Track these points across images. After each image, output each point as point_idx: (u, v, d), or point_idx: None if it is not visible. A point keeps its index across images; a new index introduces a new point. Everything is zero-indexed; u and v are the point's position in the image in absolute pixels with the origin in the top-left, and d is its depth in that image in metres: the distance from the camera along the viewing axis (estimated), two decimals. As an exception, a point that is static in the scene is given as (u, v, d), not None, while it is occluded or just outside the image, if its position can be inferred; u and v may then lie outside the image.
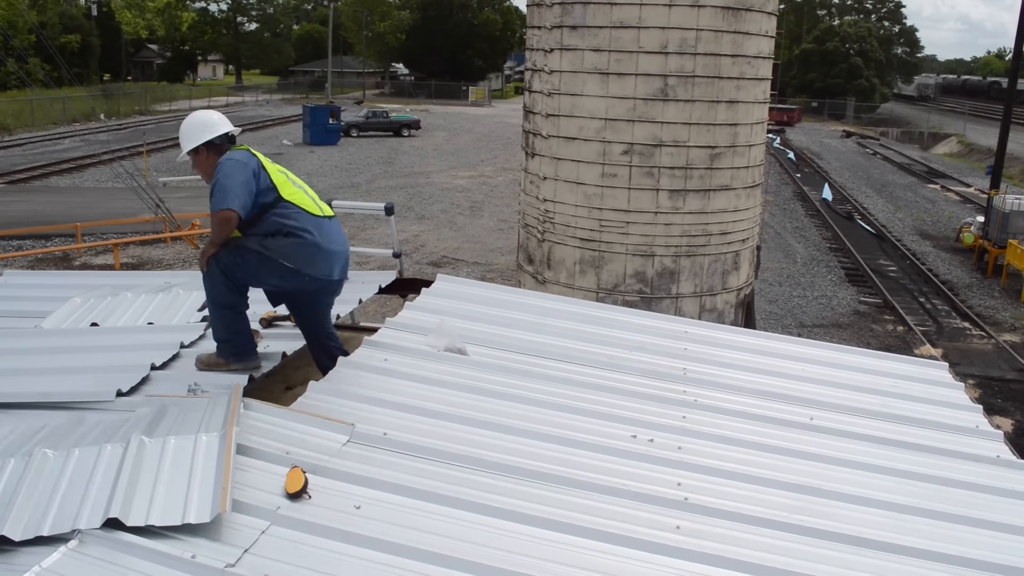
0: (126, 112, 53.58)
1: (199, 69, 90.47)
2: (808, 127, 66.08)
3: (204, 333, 4.67)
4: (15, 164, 31.61)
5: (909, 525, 3.16)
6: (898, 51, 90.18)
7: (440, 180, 32.34)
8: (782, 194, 33.78)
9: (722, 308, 9.58)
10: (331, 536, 2.72)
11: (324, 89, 71.34)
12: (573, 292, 9.11)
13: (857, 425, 4.07)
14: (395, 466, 3.19)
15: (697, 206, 9.14)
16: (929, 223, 29.37)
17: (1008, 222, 21.23)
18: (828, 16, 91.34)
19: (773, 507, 3.17)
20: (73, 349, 4.59)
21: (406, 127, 47.65)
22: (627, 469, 3.35)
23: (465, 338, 4.57)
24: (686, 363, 4.66)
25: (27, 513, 2.62)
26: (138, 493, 2.72)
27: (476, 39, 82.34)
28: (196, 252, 20.13)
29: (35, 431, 3.28)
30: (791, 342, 5.42)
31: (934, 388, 4.76)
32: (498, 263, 19.80)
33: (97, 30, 67.09)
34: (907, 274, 22.34)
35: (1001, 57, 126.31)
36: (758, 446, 3.71)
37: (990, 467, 3.77)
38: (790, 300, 19.14)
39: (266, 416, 3.47)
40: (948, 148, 55.85)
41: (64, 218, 21.06)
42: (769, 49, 9.48)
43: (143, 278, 6.61)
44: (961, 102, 76.45)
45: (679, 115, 8.88)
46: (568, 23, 9.00)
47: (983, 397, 14.07)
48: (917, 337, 17.02)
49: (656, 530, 2.93)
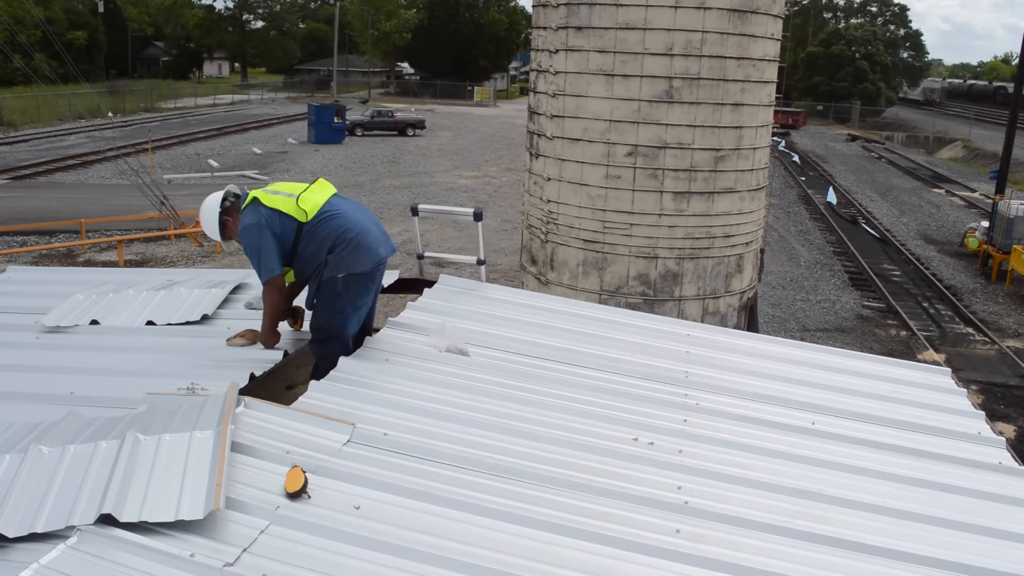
0: (132, 109, 53.68)
1: (205, 67, 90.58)
2: (813, 130, 66.00)
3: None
4: (20, 160, 31.66)
5: (910, 531, 3.14)
6: (904, 55, 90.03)
7: (444, 180, 32.34)
8: (786, 197, 33.74)
9: (725, 311, 9.56)
10: (330, 536, 2.71)
11: (329, 88, 71.41)
12: (576, 294, 9.10)
13: (859, 430, 4.06)
14: (395, 467, 3.19)
15: (701, 209, 9.12)
16: (933, 228, 29.30)
17: (1013, 227, 21.16)
18: (834, 19, 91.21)
19: (773, 512, 3.16)
20: (76, 347, 4.59)
21: (411, 127, 47.64)
22: (628, 472, 3.34)
23: (467, 339, 4.56)
24: (688, 366, 4.65)
25: (21, 509, 2.62)
26: (132, 489, 2.72)
27: (482, 39, 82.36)
28: (199, 249, 20.17)
29: (31, 427, 3.28)
30: (794, 346, 5.40)
31: (936, 394, 4.74)
32: (501, 264, 19.79)
33: (104, 27, 67.21)
34: (911, 279, 22.29)
35: (1007, 62, 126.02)
36: (759, 450, 3.70)
37: (992, 474, 3.75)
38: (793, 304, 19.11)
39: (266, 415, 3.46)
40: (953, 153, 55.72)
41: (69, 214, 21.09)
42: (775, 52, 9.46)
43: (146, 275, 6.61)
44: (967, 107, 76.30)
45: (684, 117, 8.86)
46: (574, 24, 9.00)
47: (986, 403, 14.02)
48: (920, 342, 16.98)
49: (656, 534, 2.92)
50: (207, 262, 19.13)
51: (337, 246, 4.22)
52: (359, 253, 4.26)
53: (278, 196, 4.27)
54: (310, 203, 4.26)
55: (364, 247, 4.28)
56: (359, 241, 4.26)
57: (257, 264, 4.19)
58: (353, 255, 4.24)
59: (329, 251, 4.22)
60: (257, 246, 4.16)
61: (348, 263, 4.23)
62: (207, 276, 6.01)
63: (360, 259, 4.27)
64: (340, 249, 4.22)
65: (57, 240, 19.97)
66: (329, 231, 4.23)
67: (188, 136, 41.77)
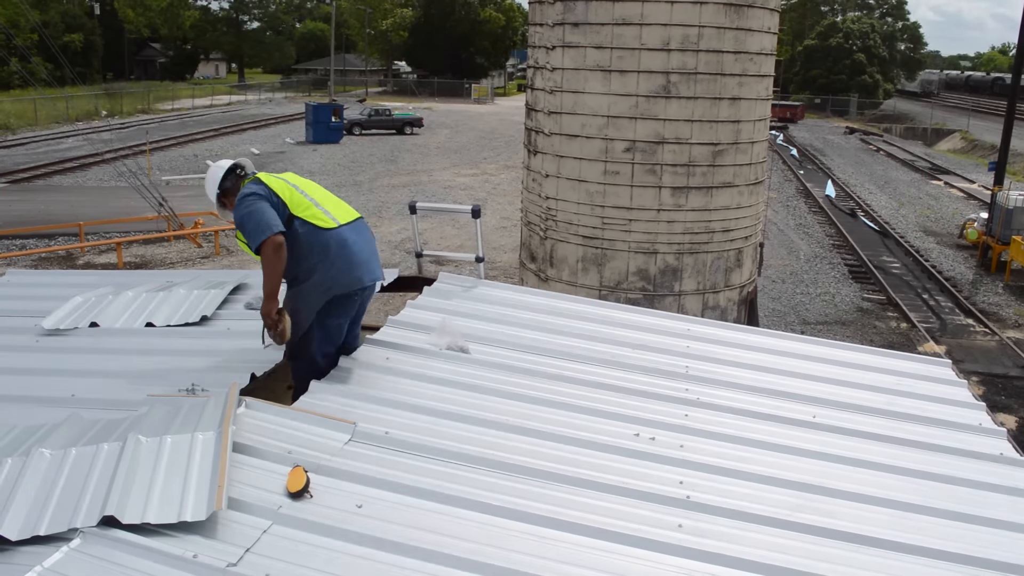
0: (129, 111, 53.62)
1: (201, 68, 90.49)
2: (811, 123, 65.94)
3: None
4: (18, 163, 31.63)
5: (911, 523, 3.15)
6: (901, 47, 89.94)
7: (443, 178, 32.32)
8: (785, 191, 33.72)
9: (725, 305, 9.56)
10: (333, 535, 2.71)
11: (327, 87, 71.32)
12: (576, 290, 9.10)
13: (860, 423, 4.06)
14: (397, 465, 3.19)
15: (700, 203, 9.11)
16: (933, 219, 29.29)
17: (1012, 218, 21.16)
18: (831, 12, 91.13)
19: (775, 505, 3.16)
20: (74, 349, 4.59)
21: (409, 125, 47.58)
22: (629, 467, 3.35)
23: (467, 336, 4.56)
24: (688, 361, 4.65)
25: (24, 512, 2.63)
26: (134, 491, 2.72)
27: (478, 36, 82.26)
28: (199, 251, 20.17)
29: (33, 430, 3.28)
30: (794, 339, 5.40)
31: (937, 385, 4.74)
32: (501, 261, 19.79)
33: (100, 29, 67.15)
34: (911, 271, 22.29)
35: (1005, 53, 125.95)
36: (760, 444, 3.70)
37: (993, 464, 3.75)
38: (793, 297, 19.11)
39: (268, 415, 3.47)
40: (952, 144, 55.69)
41: (67, 217, 21.07)
42: (772, 45, 9.45)
43: (145, 277, 6.61)
44: (965, 98, 76.27)
45: (681, 112, 8.85)
46: (570, 20, 8.98)
47: (987, 394, 14.03)
48: (920, 334, 16.98)
49: (658, 528, 2.92)
50: (206, 263, 19.14)
51: (317, 260, 4.02)
52: (337, 273, 4.06)
53: (282, 181, 4.12)
54: (313, 213, 4.07)
55: (344, 269, 4.08)
56: (341, 261, 4.06)
57: (256, 225, 3.85)
58: (331, 273, 4.04)
59: (311, 263, 4.02)
60: (253, 208, 3.89)
61: (326, 281, 4.05)
62: (206, 277, 6.01)
63: (338, 280, 4.07)
64: (318, 264, 4.02)
65: (56, 243, 19.96)
66: (314, 241, 4.02)
67: (186, 137, 41.73)
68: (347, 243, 4.09)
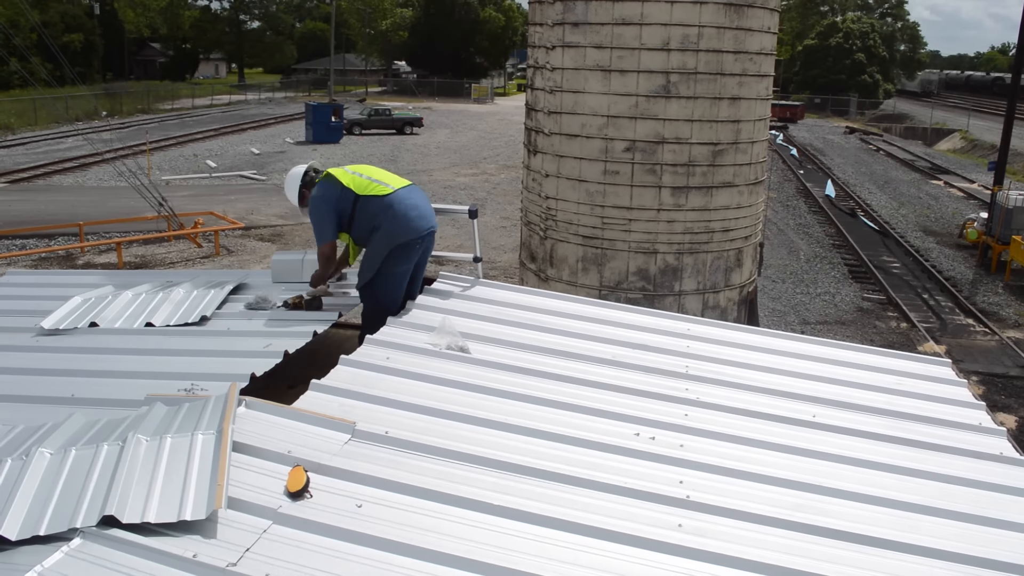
0: (129, 111, 53.64)
1: (201, 67, 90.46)
2: (811, 123, 65.94)
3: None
4: (18, 163, 31.64)
5: (912, 522, 3.15)
6: (901, 47, 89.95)
7: (443, 178, 32.31)
8: (785, 191, 33.72)
9: (725, 305, 9.56)
10: (333, 535, 2.71)
11: (327, 87, 71.31)
12: (576, 290, 9.09)
13: (860, 422, 4.06)
14: (397, 464, 3.19)
15: (699, 203, 9.11)
16: (932, 219, 29.29)
17: (1012, 218, 21.16)
18: (831, 12, 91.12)
19: (775, 504, 3.16)
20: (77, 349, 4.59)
21: (409, 125, 47.58)
22: (629, 467, 3.34)
23: (467, 336, 4.56)
24: (688, 360, 4.65)
25: (24, 512, 2.63)
26: (134, 491, 2.72)
27: (478, 36, 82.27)
28: (199, 251, 20.17)
29: (32, 430, 3.28)
30: (794, 339, 5.40)
31: (937, 385, 4.74)
32: (501, 261, 19.79)
33: (100, 29, 67.14)
34: (910, 270, 22.29)
35: (1005, 52, 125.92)
36: (760, 443, 3.70)
37: (993, 464, 3.75)
38: (793, 297, 19.11)
39: (267, 415, 3.47)
40: (951, 144, 55.67)
41: (67, 217, 21.07)
42: (772, 45, 9.44)
43: (145, 277, 6.61)
44: (964, 98, 76.28)
45: (681, 112, 8.84)
46: (570, 20, 8.98)
47: (986, 394, 14.03)
48: (920, 334, 16.98)
49: (658, 528, 2.92)
50: (206, 263, 19.13)
51: (381, 219, 4.96)
52: (397, 226, 4.97)
53: (345, 171, 5.07)
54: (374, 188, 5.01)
55: (403, 222, 4.99)
56: (398, 216, 4.98)
57: (317, 230, 5.07)
58: (392, 227, 4.96)
59: (376, 223, 4.97)
60: (318, 216, 5.03)
61: (389, 234, 4.96)
62: (206, 277, 6.01)
63: (398, 231, 4.97)
64: (383, 222, 4.96)
65: (56, 243, 19.96)
66: (377, 207, 4.96)
67: (186, 137, 41.75)
68: (403, 201, 5.05)
